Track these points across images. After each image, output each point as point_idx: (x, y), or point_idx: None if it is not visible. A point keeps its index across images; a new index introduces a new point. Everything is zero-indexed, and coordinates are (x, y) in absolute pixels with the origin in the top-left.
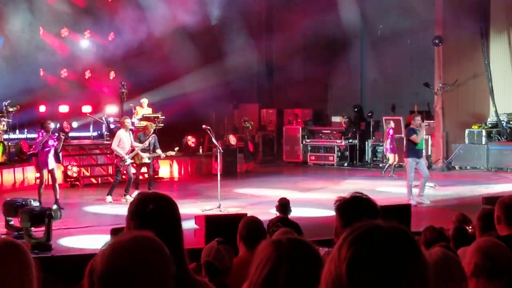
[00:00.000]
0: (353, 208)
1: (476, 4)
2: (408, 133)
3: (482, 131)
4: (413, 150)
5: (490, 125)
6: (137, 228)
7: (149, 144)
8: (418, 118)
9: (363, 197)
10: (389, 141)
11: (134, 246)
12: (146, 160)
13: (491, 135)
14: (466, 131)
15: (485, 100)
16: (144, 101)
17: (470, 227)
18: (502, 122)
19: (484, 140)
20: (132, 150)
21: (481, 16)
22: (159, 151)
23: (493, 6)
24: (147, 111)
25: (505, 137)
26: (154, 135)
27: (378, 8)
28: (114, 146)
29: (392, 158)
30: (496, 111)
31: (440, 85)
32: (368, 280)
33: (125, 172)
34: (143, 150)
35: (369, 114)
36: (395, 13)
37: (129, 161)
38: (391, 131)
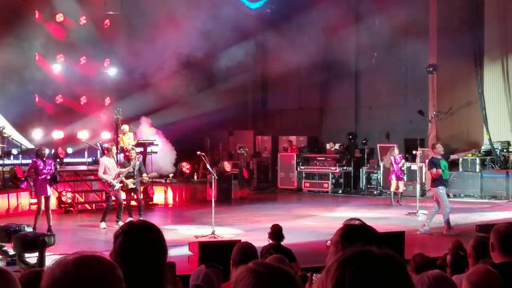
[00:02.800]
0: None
1: (470, 33)
2: (429, 165)
3: (476, 159)
4: (440, 180)
5: (484, 153)
6: (113, 252)
7: (134, 169)
8: (439, 145)
9: (368, 227)
10: (396, 167)
11: (75, 265)
12: (131, 186)
13: (485, 163)
14: (460, 159)
15: (479, 128)
16: (125, 127)
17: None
18: (496, 150)
19: (478, 168)
20: (119, 175)
21: (475, 45)
22: (144, 175)
23: (487, 35)
24: (128, 136)
25: (499, 165)
26: (139, 160)
27: (372, 36)
28: (101, 174)
29: (394, 185)
30: (490, 139)
31: (434, 113)
32: None
33: (114, 198)
34: (128, 176)
35: (364, 141)
36: (390, 41)
37: (117, 185)
38: (397, 159)
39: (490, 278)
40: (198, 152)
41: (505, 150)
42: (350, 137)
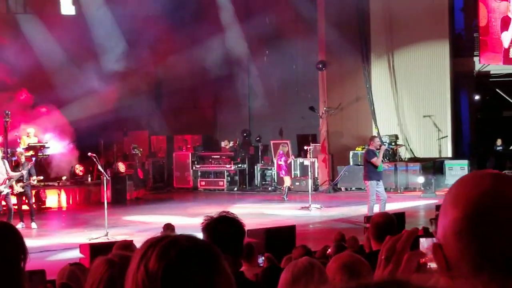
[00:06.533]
0: (221, 228)
1: (357, 30)
2: (368, 155)
3: None
4: (374, 173)
5: (365, 147)
6: None
7: (24, 173)
8: (377, 139)
9: (230, 216)
10: (284, 164)
11: None
12: (20, 190)
13: None
14: (351, 153)
15: (368, 122)
16: (31, 130)
17: (328, 247)
18: (385, 143)
19: None
20: (9, 179)
21: (362, 41)
22: (33, 178)
23: (373, 31)
24: (33, 140)
25: (387, 158)
26: (31, 163)
27: (263, 33)
28: None
29: (288, 180)
30: (378, 133)
31: (324, 108)
32: None
33: (4, 203)
34: (17, 180)
35: (257, 138)
36: (280, 38)
37: (5, 190)
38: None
39: (359, 265)
40: (89, 154)
41: (393, 144)
42: (245, 134)
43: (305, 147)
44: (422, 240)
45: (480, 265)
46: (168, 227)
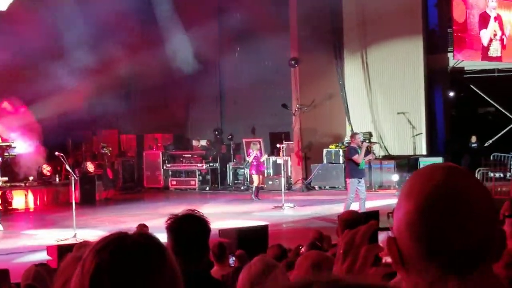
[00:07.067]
0: (186, 226)
1: (329, 26)
2: (350, 152)
3: (339, 151)
4: (356, 170)
5: (347, 145)
6: None
7: None
8: (359, 136)
9: (195, 214)
10: (255, 162)
11: None
12: None
13: None
14: (324, 151)
15: (341, 119)
16: None
17: (301, 247)
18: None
19: (341, 159)
20: None
21: (335, 38)
22: None
23: (346, 27)
24: None
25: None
26: None
27: (235, 30)
28: None
29: (256, 179)
30: (352, 130)
31: (297, 106)
32: None
33: None
34: None
35: (229, 137)
36: (252, 35)
37: None
38: (254, 154)
39: (322, 259)
40: (57, 153)
41: (367, 141)
42: (216, 133)
43: (278, 145)
44: (380, 234)
45: (430, 257)
46: (142, 227)
